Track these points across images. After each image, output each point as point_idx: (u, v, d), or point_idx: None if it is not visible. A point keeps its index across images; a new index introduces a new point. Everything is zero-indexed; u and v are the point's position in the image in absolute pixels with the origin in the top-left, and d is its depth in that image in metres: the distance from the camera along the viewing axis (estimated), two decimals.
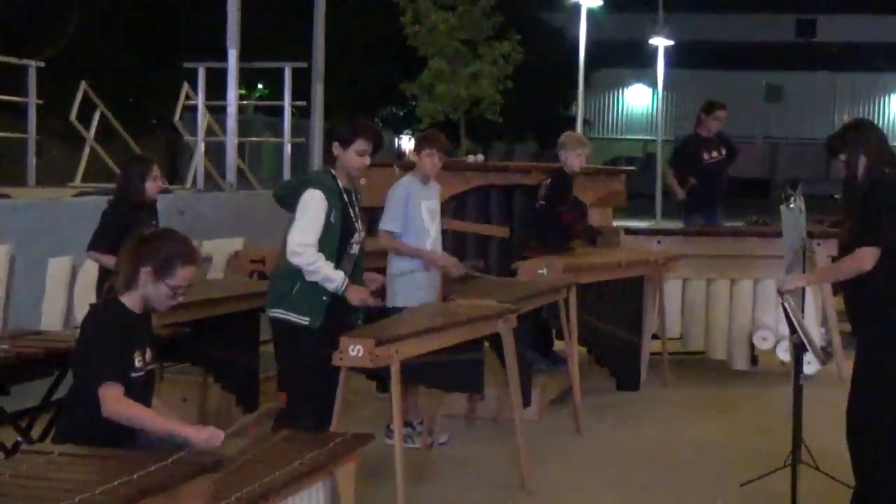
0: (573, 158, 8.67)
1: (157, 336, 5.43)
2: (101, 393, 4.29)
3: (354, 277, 6.04)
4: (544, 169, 9.81)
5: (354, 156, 5.97)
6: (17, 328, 6.91)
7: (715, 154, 11.34)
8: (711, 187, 11.30)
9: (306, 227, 5.82)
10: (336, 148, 5.98)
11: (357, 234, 6.05)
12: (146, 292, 4.52)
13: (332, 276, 5.83)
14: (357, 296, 5.97)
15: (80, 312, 8.17)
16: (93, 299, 8.31)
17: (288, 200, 6.04)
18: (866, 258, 5.44)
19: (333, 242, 5.88)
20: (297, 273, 5.82)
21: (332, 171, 6.02)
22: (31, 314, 8.02)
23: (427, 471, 6.79)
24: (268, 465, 4.28)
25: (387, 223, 7.18)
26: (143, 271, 4.48)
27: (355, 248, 6.05)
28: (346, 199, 5.99)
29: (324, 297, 5.86)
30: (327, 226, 5.85)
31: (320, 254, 5.80)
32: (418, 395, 7.38)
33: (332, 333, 5.72)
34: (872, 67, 53.77)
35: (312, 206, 5.84)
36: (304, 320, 5.86)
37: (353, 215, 6.02)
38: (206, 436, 4.24)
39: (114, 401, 4.29)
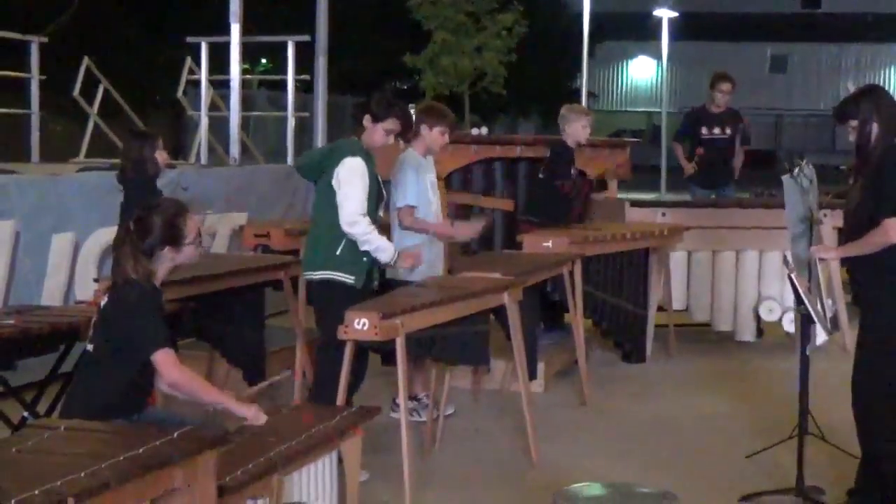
0: (578, 130, 8.66)
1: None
2: (160, 359, 4.36)
3: None
4: (549, 141, 9.79)
5: (382, 133, 6.17)
6: (19, 304, 6.90)
7: (717, 131, 11.24)
8: (713, 164, 11.24)
9: (358, 195, 6.01)
10: (367, 120, 6.14)
11: (383, 202, 6.37)
12: (175, 263, 4.62)
13: (384, 247, 6.14)
14: (409, 261, 6.34)
15: (81, 289, 8.19)
16: (94, 275, 8.33)
17: (312, 170, 6.27)
18: (893, 229, 5.38)
19: (371, 207, 6.10)
20: (339, 234, 6.04)
21: (358, 140, 6.21)
22: (33, 290, 8.02)
23: (433, 444, 6.79)
24: (274, 439, 4.28)
25: (407, 199, 7.14)
26: (160, 255, 4.52)
27: (381, 212, 6.37)
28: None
29: (364, 259, 6.13)
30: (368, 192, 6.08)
31: (372, 224, 6.06)
32: (425, 369, 7.38)
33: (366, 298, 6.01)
34: (877, 38, 53.55)
35: (360, 174, 6.03)
36: (349, 279, 6.10)
37: (379, 181, 6.26)
38: (253, 413, 4.43)
39: (175, 366, 4.38)
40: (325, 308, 6.21)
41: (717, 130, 11.24)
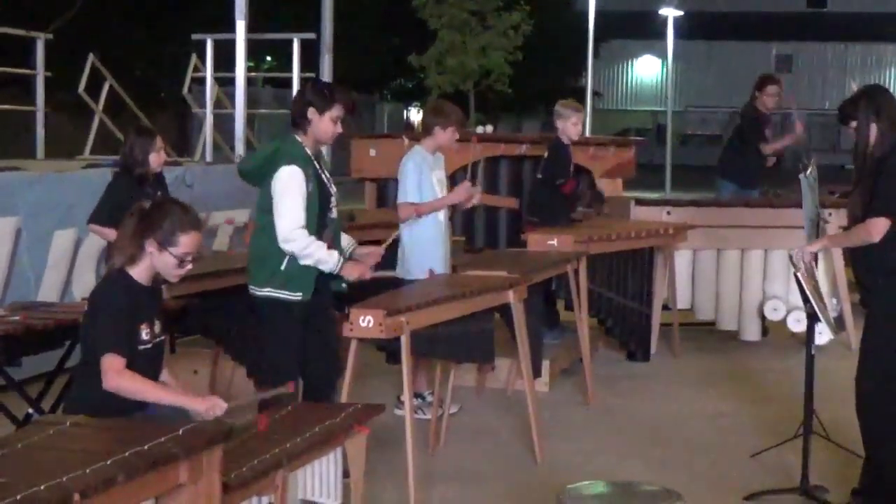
0: (570, 127, 8.67)
1: (166, 308, 5.45)
2: (103, 364, 4.30)
3: (335, 241, 5.93)
4: (547, 140, 9.81)
5: (329, 123, 5.77)
6: (20, 300, 6.88)
7: (769, 132, 11.06)
8: (760, 165, 11.03)
9: (292, 208, 5.62)
10: (312, 113, 5.74)
11: (332, 198, 5.89)
12: (153, 263, 4.51)
13: (325, 258, 5.71)
14: (355, 271, 5.87)
15: (78, 286, 8.18)
16: (92, 272, 8.32)
17: (255, 176, 5.84)
18: (876, 228, 5.42)
19: (314, 211, 5.71)
20: (281, 249, 5.68)
21: (298, 138, 5.80)
22: (31, 286, 7.99)
23: (437, 442, 6.79)
24: (279, 436, 4.28)
25: (407, 196, 7.15)
26: (146, 243, 4.47)
27: (334, 212, 5.92)
28: (317, 164, 5.82)
29: (311, 269, 5.74)
30: (307, 197, 5.68)
31: (311, 237, 5.66)
32: (429, 366, 7.38)
33: (317, 303, 5.79)
34: (883, 38, 53.51)
35: (293, 185, 5.63)
36: (296, 296, 5.73)
37: (325, 179, 5.87)
38: (208, 405, 4.30)
39: (115, 373, 4.29)
40: (272, 330, 5.82)
41: (769, 131, 11.09)
